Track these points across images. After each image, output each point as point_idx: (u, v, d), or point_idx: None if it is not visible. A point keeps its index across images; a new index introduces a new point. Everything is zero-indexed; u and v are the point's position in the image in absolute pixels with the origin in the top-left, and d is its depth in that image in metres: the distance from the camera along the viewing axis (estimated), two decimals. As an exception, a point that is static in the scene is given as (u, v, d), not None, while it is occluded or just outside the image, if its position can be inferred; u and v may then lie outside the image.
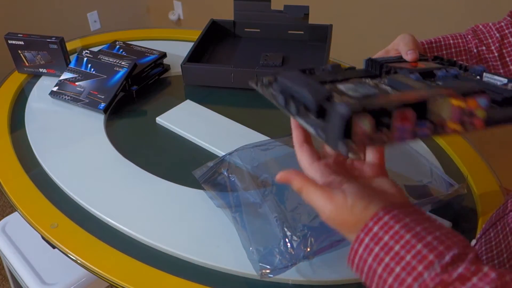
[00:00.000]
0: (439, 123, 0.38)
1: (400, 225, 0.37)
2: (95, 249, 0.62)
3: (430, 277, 0.35)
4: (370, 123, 0.35)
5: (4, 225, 1.01)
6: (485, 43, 0.61)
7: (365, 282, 0.40)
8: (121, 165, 0.77)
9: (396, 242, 0.37)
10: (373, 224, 0.38)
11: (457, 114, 0.38)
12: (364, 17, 1.69)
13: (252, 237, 0.59)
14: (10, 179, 0.74)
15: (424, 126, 0.38)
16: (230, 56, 1.09)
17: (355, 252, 0.40)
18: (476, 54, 0.62)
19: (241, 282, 0.58)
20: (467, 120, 0.38)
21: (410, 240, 0.37)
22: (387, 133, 0.35)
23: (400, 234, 0.37)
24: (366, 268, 0.39)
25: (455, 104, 0.37)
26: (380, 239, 0.37)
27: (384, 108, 0.35)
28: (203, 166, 0.72)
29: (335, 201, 0.40)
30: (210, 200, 0.69)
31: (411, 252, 0.36)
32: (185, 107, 0.92)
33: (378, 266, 0.37)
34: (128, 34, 1.22)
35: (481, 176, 0.75)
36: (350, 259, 0.41)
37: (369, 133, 0.35)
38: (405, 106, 0.36)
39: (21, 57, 1.00)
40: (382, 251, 0.37)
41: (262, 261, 0.56)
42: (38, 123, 0.87)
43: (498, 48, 0.61)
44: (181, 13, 2.44)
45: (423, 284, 0.35)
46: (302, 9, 1.10)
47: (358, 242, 0.39)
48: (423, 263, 0.35)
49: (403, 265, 0.36)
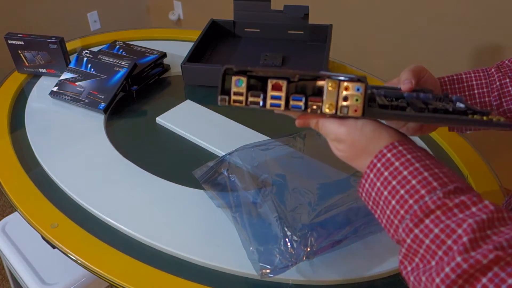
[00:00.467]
0: (313, 100, 0.43)
1: (412, 155, 0.41)
2: (95, 249, 0.62)
3: (431, 200, 0.38)
4: (245, 84, 0.41)
5: (4, 225, 1.01)
6: (509, 75, 0.61)
7: (371, 208, 0.44)
8: (121, 165, 0.77)
9: (405, 168, 0.40)
10: (387, 151, 0.42)
11: (332, 97, 0.42)
12: (364, 17, 1.69)
13: (252, 237, 0.59)
14: (10, 179, 0.74)
15: (299, 99, 0.43)
16: (230, 56, 1.09)
17: (367, 177, 0.43)
18: (499, 87, 0.61)
19: (241, 282, 0.58)
20: (342, 105, 0.42)
21: (419, 168, 0.40)
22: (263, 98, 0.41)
23: (411, 162, 0.41)
24: (374, 193, 0.42)
25: (330, 87, 0.42)
26: (391, 164, 0.41)
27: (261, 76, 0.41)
28: (203, 166, 0.72)
29: (346, 124, 0.44)
30: (210, 200, 0.69)
31: (418, 177, 0.40)
32: (185, 107, 0.92)
33: (385, 189, 0.41)
34: (128, 34, 1.22)
35: (481, 176, 0.75)
36: (361, 184, 0.44)
37: (244, 93, 0.41)
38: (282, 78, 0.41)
39: (21, 57, 1.00)
40: (391, 175, 0.41)
41: (262, 261, 0.56)
42: (38, 123, 0.87)
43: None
44: (181, 13, 2.44)
45: (424, 206, 0.38)
46: (302, 9, 1.10)
47: (370, 168, 0.43)
48: (427, 188, 0.39)
49: (407, 188, 0.40)
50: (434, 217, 0.37)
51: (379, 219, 0.43)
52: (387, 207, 0.41)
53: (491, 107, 0.62)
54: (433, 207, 0.37)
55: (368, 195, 0.43)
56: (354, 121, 0.44)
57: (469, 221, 0.35)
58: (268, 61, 1.02)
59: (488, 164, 0.78)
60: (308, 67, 1.02)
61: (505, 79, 0.61)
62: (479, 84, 0.62)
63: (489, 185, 0.74)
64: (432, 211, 0.37)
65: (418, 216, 0.38)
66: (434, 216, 0.37)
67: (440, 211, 0.37)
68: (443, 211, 0.37)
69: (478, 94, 0.62)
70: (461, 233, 0.35)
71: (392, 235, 0.41)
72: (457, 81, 0.62)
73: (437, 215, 0.37)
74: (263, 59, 1.03)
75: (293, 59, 1.06)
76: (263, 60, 1.02)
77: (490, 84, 0.62)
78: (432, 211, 0.37)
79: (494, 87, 0.62)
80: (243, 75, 0.41)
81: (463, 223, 0.35)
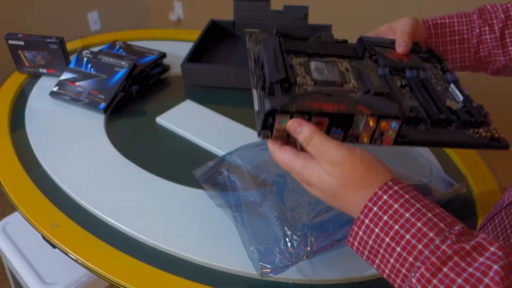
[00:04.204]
0: (352, 134, 0.43)
1: (410, 195, 0.38)
2: (95, 248, 0.62)
3: (446, 244, 0.34)
4: (287, 121, 0.41)
5: (4, 225, 1.01)
6: (489, 23, 0.62)
7: (367, 259, 0.39)
8: (121, 165, 0.77)
9: (406, 210, 0.37)
10: (382, 192, 0.38)
11: (369, 131, 0.43)
12: (364, 17, 1.69)
13: (253, 236, 0.59)
14: (10, 179, 0.74)
15: (337, 133, 0.43)
16: (230, 56, 1.09)
17: (361, 223, 0.39)
18: (478, 34, 0.63)
19: (241, 282, 0.58)
20: (377, 137, 0.43)
21: (421, 208, 0.37)
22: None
23: (411, 203, 0.37)
24: (371, 241, 0.38)
25: (370, 124, 0.42)
26: (390, 206, 0.37)
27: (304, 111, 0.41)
28: (203, 165, 0.72)
29: (346, 146, 0.40)
30: (210, 200, 0.69)
31: (422, 219, 0.36)
32: (185, 107, 0.92)
33: (386, 235, 0.37)
34: (128, 34, 1.23)
35: (481, 176, 0.76)
36: (353, 232, 0.40)
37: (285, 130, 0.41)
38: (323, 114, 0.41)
39: (21, 57, 1.00)
40: (391, 219, 0.37)
41: (262, 260, 0.56)
42: (38, 123, 0.87)
43: (500, 29, 0.62)
44: (181, 13, 2.44)
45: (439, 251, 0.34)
46: (302, 9, 1.10)
47: (365, 213, 0.38)
48: (435, 229, 0.35)
49: (413, 231, 0.36)
50: (452, 264, 0.34)
51: (378, 269, 0.39)
52: (390, 255, 0.37)
53: (469, 52, 0.64)
54: (450, 253, 0.34)
55: (362, 244, 0.39)
56: (353, 147, 0.41)
57: (495, 268, 0.32)
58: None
59: (487, 164, 0.78)
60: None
61: (485, 27, 0.62)
62: (460, 30, 0.64)
63: (489, 185, 0.74)
64: (449, 257, 0.34)
65: (435, 264, 0.34)
66: (453, 263, 0.34)
67: (458, 257, 0.34)
68: (461, 256, 0.34)
69: (459, 40, 0.64)
70: (489, 283, 0.32)
71: (399, 285, 0.37)
72: (440, 25, 0.64)
73: (455, 262, 0.34)
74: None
75: (293, 59, 1.06)
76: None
77: (471, 31, 0.63)
78: (450, 257, 0.34)
79: (474, 33, 0.63)
80: (287, 113, 0.41)
81: (488, 270, 0.32)
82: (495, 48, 0.63)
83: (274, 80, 0.44)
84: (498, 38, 0.62)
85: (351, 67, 0.52)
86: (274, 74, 0.45)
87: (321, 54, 0.53)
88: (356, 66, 0.53)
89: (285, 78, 0.44)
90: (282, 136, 0.43)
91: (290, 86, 0.45)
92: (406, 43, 0.56)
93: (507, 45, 0.62)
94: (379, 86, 0.48)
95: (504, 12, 0.62)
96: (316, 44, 0.56)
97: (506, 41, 0.62)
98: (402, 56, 0.56)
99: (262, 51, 0.49)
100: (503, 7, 0.63)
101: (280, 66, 0.46)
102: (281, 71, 0.45)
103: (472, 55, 0.64)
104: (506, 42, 0.62)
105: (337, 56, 0.54)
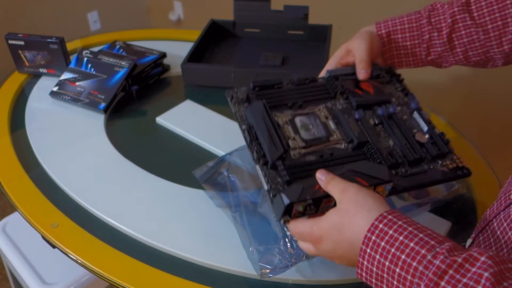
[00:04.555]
0: None
1: (403, 221, 0.42)
2: (95, 249, 0.62)
3: (440, 260, 0.37)
4: (303, 206, 0.49)
5: (4, 225, 1.01)
6: (437, 28, 0.67)
7: (375, 287, 0.43)
8: (121, 165, 0.77)
9: (400, 234, 0.40)
10: (378, 222, 0.42)
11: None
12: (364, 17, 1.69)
13: (252, 237, 0.59)
14: (10, 179, 0.74)
15: None
16: (230, 56, 1.09)
17: (364, 253, 0.42)
18: (428, 39, 0.68)
19: (241, 282, 0.58)
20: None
21: (413, 231, 0.40)
22: (314, 210, 0.49)
23: (404, 227, 0.41)
24: (375, 268, 0.41)
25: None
26: (385, 233, 0.41)
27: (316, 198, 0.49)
28: (203, 166, 0.72)
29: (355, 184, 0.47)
30: (210, 200, 0.69)
31: (414, 239, 0.40)
32: (185, 107, 0.92)
33: (385, 259, 0.40)
34: (128, 34, 1.23)
35: (481, 176, 0.75)
36: (359, 264, 0.43)
37: (302, 210, 0.49)
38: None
39: (21, 57, 1.00)
40: (388, 243, 0.40)
41: (262, 261, 0.56)
42: (38, 123, 0.87)
43: (448, 33, 0.67)
44: (181, 13, 2.44)
45: (434, 267, 0.37)
46: (302, 9, 1.10)
47: (365, 243, 0.42)
48: (426, 247, 0.39)
49: (407, 251, 0.39)
50: (448, 278, 0.36)
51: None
52: (393, 278, 0.40)
53: (421, 56, 0.70)
54: (444, 267, 0.36)
55: (369, 273, 0.42)
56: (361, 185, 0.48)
57: (486, 275, 0.34)
58: (268, 61, 1.02)
59: (488, 164, 0.78)
60: (308, 67, 1.02)
61: (434, 32, 0.68)
62: (411, 36, 0.69)
63: (489, 185, 0.74)
64: (444, 271, 0.36)
65: (432, 280, 0.36)
66: (449, 276, 0.36)
67: (452, 270, 0.36)
68: (455, 269, 0.36)
69: (411, 45, 0.69)
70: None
71: None
72: (393, 32, 0.70)
73: (451, 275, 0.36)
74: (263, 59, 1.03)
75: (293, 59, 1.06)
76: (263, 60, 1.02)
77: (421, 36, 0.68)
78: (445, 272, 0.36)
79: (424, 39, 0.68)
80: (303, 201, 0.49)
81: (480, 278, 0.35)
82: (444, 51, 0.68)
83: (275, 158, 0.52)
84: (447, 43, 0.67)
85: (329, 113, 0.61)
86: (274, 152, 0.52)
87: (300, 104, 0.61)
88: (333, 109, 0.61)
89: (283, 153, 0.52)
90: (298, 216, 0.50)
91: (286, 153, 0.53)
92: (366, 70, 0.64)
93: (456, 47, 0.67)
94: (360, 135, 0.57)
95: (451, 16, 0.66)
96: (291, 90, 0.63)
97: (454, 44, 0.67)
98: (367, 85, 0.65)
99: (253, 121, 0.56)
100: (450, 10, 0.67)
101: (275, 139, 0.54)
102: (278, 146, 0.53)
103: (424, 57, 0.70)
104: (454, 45, 0.67)
105: (314, 100, 0.63)
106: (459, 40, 0.67)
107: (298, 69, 1.01)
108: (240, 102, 0.61)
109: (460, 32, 0.66)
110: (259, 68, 0.95)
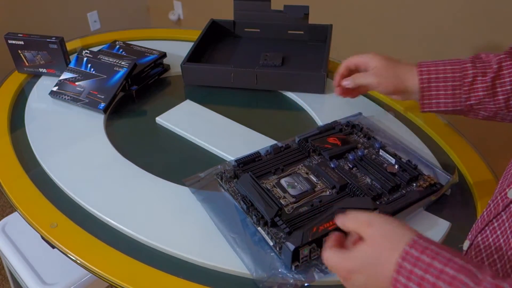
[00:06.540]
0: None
1: (435, 245, 0.41)
2: (95, 249, 0.62)
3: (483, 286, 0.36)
4: (308, 249, 0.55)
5: (4, 225, 1.01)
6: (481, 72, 0.68)
7: None
8: (121, 165, 0.77)
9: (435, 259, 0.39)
10: (409, 247, 0.41)
11: None
12: (364, 17, 1.69)
13: (254, 262, 0.58)
14: (10, 179, 0.74)
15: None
16: (230, 56, 1.09)
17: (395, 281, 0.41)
18: (470, 82, 0.68)
19: (241, 282, 0.58)
20: None
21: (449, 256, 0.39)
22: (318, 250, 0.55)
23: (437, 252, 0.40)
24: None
25: None
26: (418, 259, 0.40)
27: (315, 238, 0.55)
28: (194, 176, 0.71)
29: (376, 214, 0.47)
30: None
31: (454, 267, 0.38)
32: (185, 107, 0.92)
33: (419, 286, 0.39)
34: (128, 34, 1.22)
35: (481, 176, 0.75)
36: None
37: (308, 253, 0.55)
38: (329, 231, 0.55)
39: (21, 57, 1.00)
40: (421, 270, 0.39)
41: (265, 285, 0.55)
42: (38, 123, 0.87)
43: (492, 79, 0.67)
44: (181, 13, 2.44)
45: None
46: (302, 9, 1.10)
47: (397, 270, 0.41)
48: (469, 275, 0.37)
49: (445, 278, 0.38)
50: None
51: None
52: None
53: (461, 99, 0.69)
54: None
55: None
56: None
57: None
58: (268, 61, 1.02)
59: (488, 165, 0.78)
60: (308, 67, 1.02)
61: (477, 76, 0.68)
62: (454, 77, 0.69)
63: (489, 186, 0.74)
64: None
65: None
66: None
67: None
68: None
69: (452, 87, 0.69)
70: None
71: None
72: (435, 71, 0.70)
73: None
74: (263, 59, 1.03)
75: (293, 59, 1.05)
76: (263, 60, 1.02)
77: (464, 78, 0.69)
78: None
79: (466, 81, 0.68)
80: (307, 244, 0.54)
81: None
82: (486, 96, 0.67)
83: (272, 216, 0.59)
84: (490, 87, 0.66)
85: (308, 169, 0.70)
86: (270, 211, 0.59)
87: (282, 168, 0.70)
88: (311, 165, 0.71)
89: (279, 210, 0.59)
90: (306, 259, 0.56)
91: (281, 210, 0.60)
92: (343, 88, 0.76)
93: (498, 94, 0.67)
94: (340, 179, 0.66)
95: (498, 63, 0.66)
96: (271, 159, 0.71)
97: (497, 91, 0.66)
98: (334, 139, 0.75)
99: (245, 192, 0.63)
100: (497, 57, 0.67)
101: (269, 201, 0.60)
102: (273, 205, 0.60)
103: (464, 101, 0.69)
104: (496, 92, 0.67)
105: (293, 162, 0.71)
106: (502, 87, 0.66)
107: (298, 69, 1.00)
108: (229, 179, 0.68)
109: (505, 79, 0.66)
110: (259, 68, 0.95)
